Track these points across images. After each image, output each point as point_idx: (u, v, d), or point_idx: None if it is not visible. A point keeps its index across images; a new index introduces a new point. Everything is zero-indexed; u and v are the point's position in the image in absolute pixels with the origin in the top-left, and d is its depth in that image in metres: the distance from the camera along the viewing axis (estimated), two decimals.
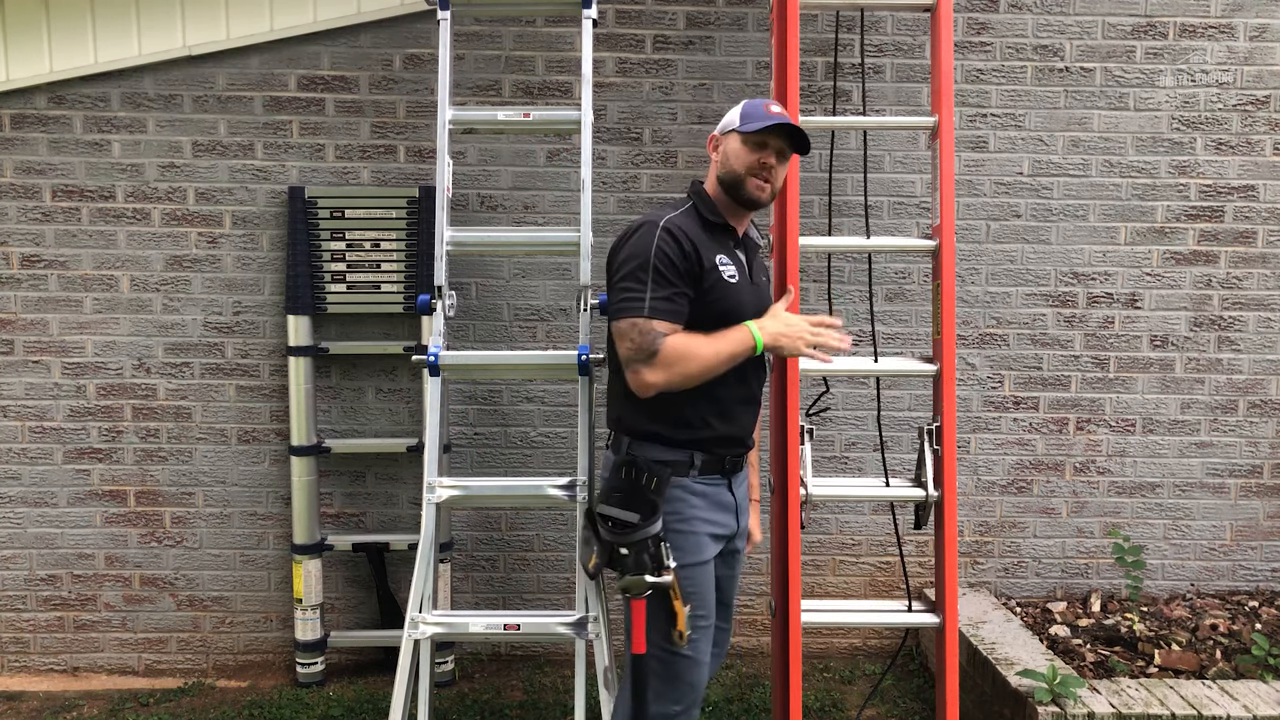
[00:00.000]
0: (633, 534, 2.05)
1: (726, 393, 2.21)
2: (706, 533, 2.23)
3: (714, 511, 2.24)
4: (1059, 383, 3.77)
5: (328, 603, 3.69)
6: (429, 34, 3.58)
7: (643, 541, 2.05)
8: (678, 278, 2.11)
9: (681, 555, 2.16)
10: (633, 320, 2.09)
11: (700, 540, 2.21)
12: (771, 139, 2.21)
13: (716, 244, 2.22)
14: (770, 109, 2.21)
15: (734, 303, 2.19)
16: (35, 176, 3.59)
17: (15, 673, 3.70)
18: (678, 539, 2.17)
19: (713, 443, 2.22)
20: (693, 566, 2.19)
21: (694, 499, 2.21)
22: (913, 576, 3.68)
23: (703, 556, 2.22)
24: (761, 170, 2.20)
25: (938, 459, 2.80)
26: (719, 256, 2.20)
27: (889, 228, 3.71)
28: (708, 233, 2.22)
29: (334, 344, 3.61)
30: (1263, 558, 3.83)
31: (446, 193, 2.97)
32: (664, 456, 2.19)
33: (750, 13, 3.65)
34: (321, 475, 3.67)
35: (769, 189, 2.24)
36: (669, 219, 2.17)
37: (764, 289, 2.39)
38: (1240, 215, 3.74)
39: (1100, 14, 3.67)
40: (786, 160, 2.27)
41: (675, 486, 2.18)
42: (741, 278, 2.23)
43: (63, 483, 3.67)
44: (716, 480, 2.26)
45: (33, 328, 3.63)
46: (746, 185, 2.21)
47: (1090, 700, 2.78)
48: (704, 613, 2.21)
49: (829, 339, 2.17)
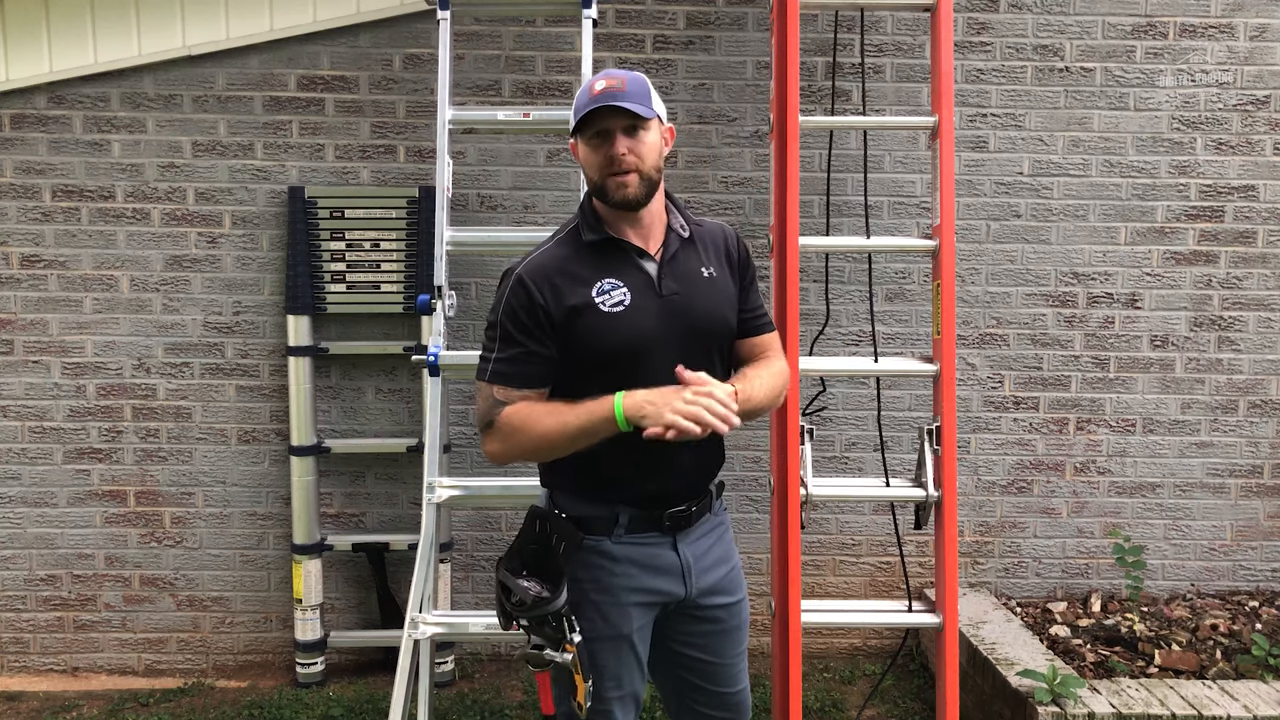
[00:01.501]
0: (534, 609, 1.80)
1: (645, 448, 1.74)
2: (632, 602, 1.91)
3: (646, 576, 1.91)
4: (1059, 383, 3.77)
5: (328, 603, 3.69)
6: (429, 34, 3.58)
7: (542, 616, 1.81)
8: (526, 335, 1.82)
9: (594, 626, 1.88)
10: (479, 384, 1.87)
11: (619, 611, 1.90)
12: (609, 122, 1.81)
13: (600, 268, 1.87)
14: (595, 88, 1.82)
15: (621, 334, 1.83)
16: (35, 176, 3.59)
17: (15, 673, 3.70)
18: (591, 609, 1.88)
19: (641, 500, 1.89)
20: (604, 640, 1.90)
21: (614, 564, 1.89)
22: (913, 576, 3.67)
23: (620, 630, 1.91)
24: (612, 165, 1.81)
25: (938, 459, 2.80)
26: (601, 283, 1.85)
27: (889, 228, 3.71)
28: (587, 258, 1.87)
29: (334, 344, 3.61)
30: (1263, 558, 3.83)
31: (446, 193, 2.97)
32: (584, 511, 1.89)
33: (750, 13, 3.65)
34: (321, 475, 3.67)
35: (634, 179, 1.81)
36: (529, 262, 1.87)
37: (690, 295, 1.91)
38: (1240, 215, 3.74)
39: (1100, 14, 3.67)
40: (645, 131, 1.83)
41: (592, 550, 1.89)
42: (638, 299, 1.85)
43: (63, 483, 3.66)
44: (652, 539, 1.91)
45: (33, 328, 3.62)
46: (608, 189, 1.83)
47: (1090, 700, 2.78)
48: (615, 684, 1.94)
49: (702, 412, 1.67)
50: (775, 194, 3.00)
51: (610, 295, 1.85)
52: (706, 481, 1.99)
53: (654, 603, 1.94)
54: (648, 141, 1.83)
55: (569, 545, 1.86)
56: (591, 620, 1.88)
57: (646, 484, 1.89)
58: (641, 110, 1.80)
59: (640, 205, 1.86)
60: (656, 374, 1.80)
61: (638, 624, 1.93)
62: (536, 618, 1.82)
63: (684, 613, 1.98)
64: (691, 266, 1.93)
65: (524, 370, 1.83)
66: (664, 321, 1.87)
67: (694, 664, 2.04)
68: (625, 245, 1.89)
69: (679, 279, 1.91)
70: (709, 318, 1.93)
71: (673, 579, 1.93)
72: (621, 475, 1.87)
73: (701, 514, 1.98)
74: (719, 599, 2.00)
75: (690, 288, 1.91)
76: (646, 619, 1.95)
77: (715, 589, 1.99)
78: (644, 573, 1.91)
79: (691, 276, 1.92)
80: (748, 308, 2.02)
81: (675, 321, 1.88)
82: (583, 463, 1.84)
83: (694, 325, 1.89)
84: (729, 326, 1.96)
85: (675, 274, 1.91)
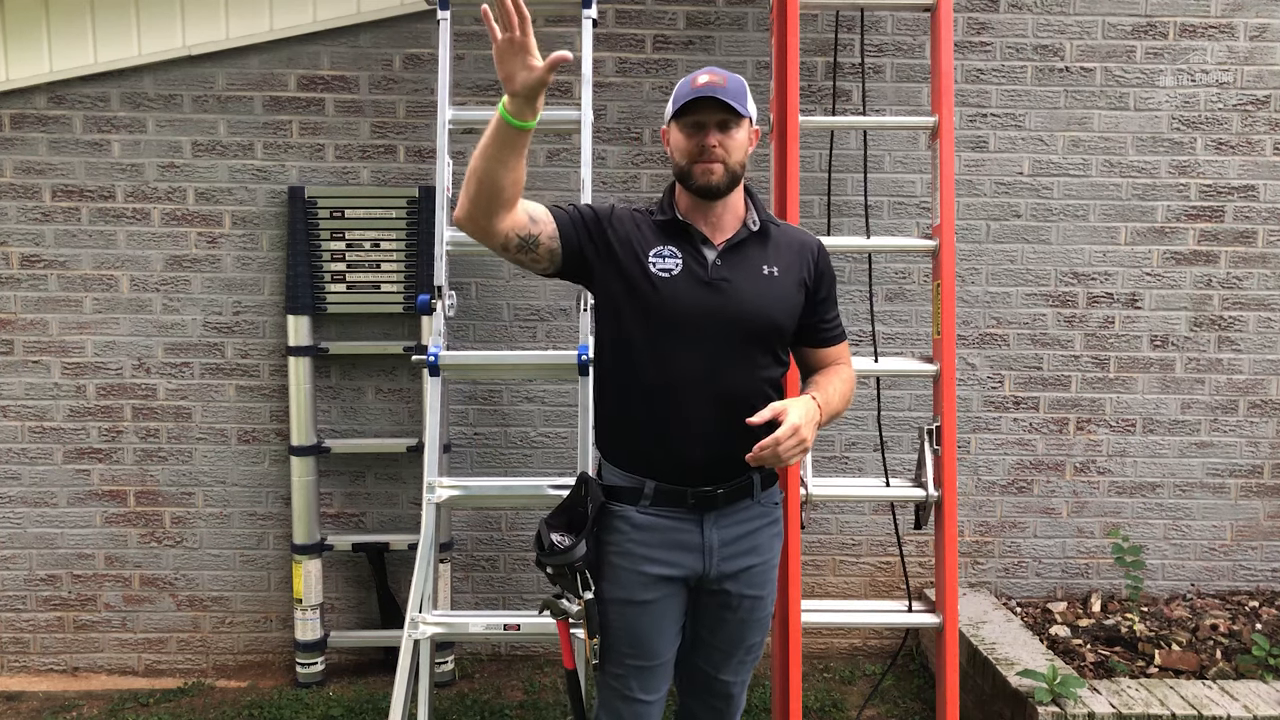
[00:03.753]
0: (552, 557, 1.94)
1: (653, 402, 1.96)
2: (648, 571, 1.99)
3: (663, 550, 1.99)
4: (1059, 383, 3.77)
5: (328, 603, 3.69)
6: (429, 34, 3.58)
7: (560, 566, 1.94)
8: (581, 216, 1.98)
9: (610, 588, 2.00)
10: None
11: (636, 577, 1.99)
12: (706, 114, 1.92)
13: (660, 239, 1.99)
14: (697, 80, 1.93)
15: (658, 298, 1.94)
16: (35, 176, 3.59)
17: (15, 673, 3.70)
18: (609, 570, 2.00)
19: (665, 473, 1.98)
20: (621, 603, 2.00)
21: (635, 532, 1.99)
22: (913, 576, 3.67)
23: (635, 595, 1.99)
24: (702, 154, 1.92)
25: (938, 459, 2.80)
26: (660, 248, 1.97)
27: (889, 228, 3.71)
28: (655, 229, 2.01)
29: (334, 344, 3.61)
30: (1263, 558, 3.83)
31: (446, 193, 2.97)
32: (617, 482, 2.02)
33: (750, 13, 3.65)
34: (321, 475, 3.67)
35: (719, 169, 1.93)
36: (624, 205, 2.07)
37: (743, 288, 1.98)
38: (1240, 215, 3.74)
39: (1100, 14, 3.67)
40: (735, 130, 1.95)
41: (617, 516, 2.00)
42: (684, 277, 1.95)
43: (63, 483, 3.66)
44: (677, 515, 1.99)
45: (33, 328, 3.62)
46: (693, 174, 1.94)
47: (1090, 700, 2.78)
48: (633, 652, 2.02)
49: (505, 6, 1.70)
50: (775, 194, 3.00)
51: (664, 260, 1.96)
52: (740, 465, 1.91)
53: (672, 576, 1.99)
54: (737, 138, 1.94)
55: (594, 506, 1.98)
56: (610, 581, 2.00)
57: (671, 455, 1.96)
58: (738, 107, 1.91)
59: (721, 194, 1.96)
60: (681, 348, 1.94)
61: (655, 595, 1.99)
62: (555, 565, 1.94)
63: (703, 589, 2.04)
64: (752, 260, 2.01)
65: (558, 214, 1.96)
66: (704, 303, 1.95)
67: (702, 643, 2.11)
68: (692, 229, 1.99)
69: (734, 269, 1.98)
70: (755, 312, 1.97)
71: (692, 555, 2.00)
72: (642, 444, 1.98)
73: (735, 498, 2.01)
74: (734, 586, 2.03)
75: (743, 278, 1.98)
76: (667, 593, 2.00)
77: (735, 576, 2.03)
78: (663, 547, 1.99)
79: (749, 269, 2.00)
80: (824, 318, 2.11)
81: (716, 306, 1.95)
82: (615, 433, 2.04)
83: (736, 315, 1.96)
84: (775, 326, 2.01)
85: (732, 263, 1.99)
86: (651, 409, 1.96)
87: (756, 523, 2.05)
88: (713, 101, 1.90)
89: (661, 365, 1.95)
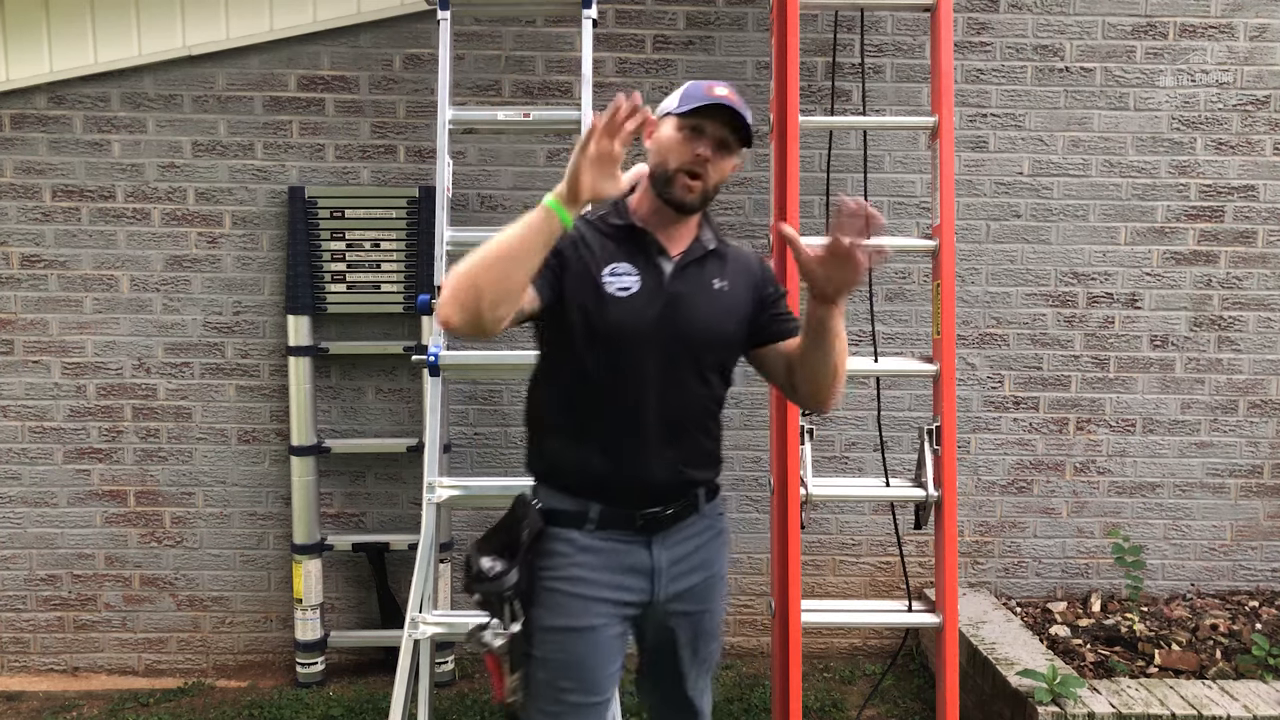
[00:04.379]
0: (482, 584, 1.80)
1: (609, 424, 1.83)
2: (593, 595, 1.84)
3: (611, 574, 1.85)
4: (1059, 383, 3.77)
5: (328, 603, 3.69)
6: (429, 34, 3.58)
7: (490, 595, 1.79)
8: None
9: (548, 616, 1.83)
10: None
11: (579, 603, 1.83)
12: (710, 124, 1.82)
13: (616, 252, 1.86)
14: (715, 90, 1.82)
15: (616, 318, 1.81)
16: (35, 176, 3.59)
17: (15, 673, 3.70)
18: (550, 597, 1.83)
19: (612, 494, 1.85)
20: (561, 631, 1.83)
21: (580, 554, 1.84)
22: (913, 576, 3.67)
23: (578, 621, 1.83)
24: (695, 164, 1.82)
25: (938, 459, 2.80)
26: (615, 265, 1.84)
27: (889, 228, 3.70)
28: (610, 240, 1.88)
29: (334, 344, 3.61)
30: (1263, 558, 3.83)
31: (446, 193, 2.97)
32: (559, 504, 1.86)
33: (750, 13, 3.65)
34: (321, 475, 3.67)
35: (699, 189, 1.83)
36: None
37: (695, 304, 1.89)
38: (1240, 215, 3.74)
39: (1100, 14, 3.67)
40: (727, 156, 1.86)
41: (559, 539, 1.85)
42: (644, 290, 1.84)
43: (63, 483, 3.66)
44: (624, 538, 1.86)
45: (33, 328, 3.62)
46: (675, 184, 1.84)
47: (1090, 700, 2.78)
48: (573, 686, 1.84)
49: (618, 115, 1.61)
50: (775, 194, 3.00)
51: (620, 279, 1.84)
52: (692, 482, 1.91)
53: (618, 601, 1.87)
54: (725, 165, 1.87)
55: (531, 532, 1.83)
56: (549, 609, 1.84)
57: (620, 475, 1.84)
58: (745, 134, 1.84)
59: (690, 213, 1.89)
60: (639, 365, 1.83)
61: (600, 620, 1.85)
62: (483, 593, 1.81)
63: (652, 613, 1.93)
64: (706, 275, 1.92)
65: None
66: (661, 318, 1.84)
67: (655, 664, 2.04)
68: (649, 238, 1.89)
69: (688, 282, 1.89)
70: (706, 326, 1.89)
71: (640, 579, 1.87)
72: (594, 466, 1.83)
73: (683, 516, 1.91)
74: (683, 605, 1.94)
75: (697, 292, 1.90)
76: (611, 619, 1.87)
77: (684, 595, 1.93)
78: (611, 570, 1.85)
79: (702, 283, 1.91)
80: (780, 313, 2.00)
81: (671, 320, 1.85)
82: (559, 455, 1.87)
83: (688, 329, 1.87)
84: (728, 340, 1.94)
85: (686, 278, 1.89)
86: (605, 431, 1.84)
87: (704, 536, 1.97)
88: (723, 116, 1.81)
89: (617, 386, 1.84)
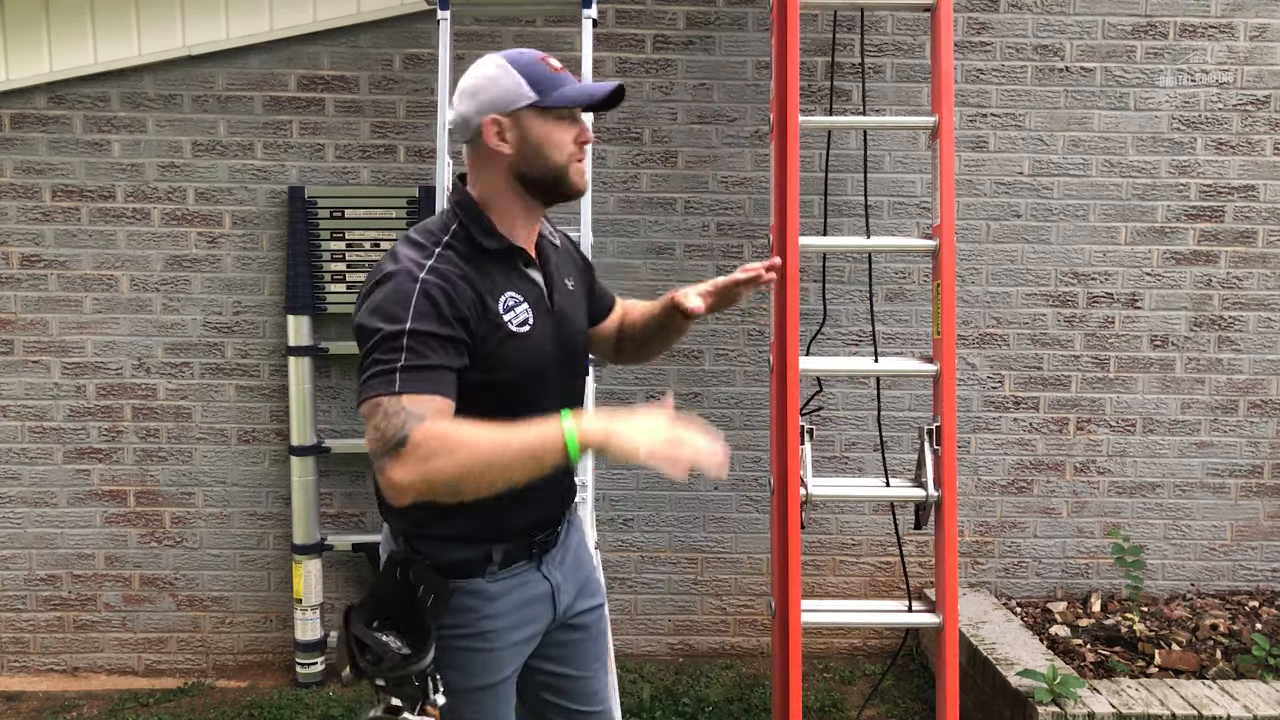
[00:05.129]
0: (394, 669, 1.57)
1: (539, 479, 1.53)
2: (504, 645, 1.70)
3: (520, 611, 1.71)
4: (1059, 383, 3.77)
5: (328, 603, 3.69)
6: (429, 34, 3.58)
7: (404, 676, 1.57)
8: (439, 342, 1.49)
9: (470, 677, 1.67)
10: (376, 401, 1.44)
11: (492, 658, 1.69)
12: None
13: (500, 279, 1.62)
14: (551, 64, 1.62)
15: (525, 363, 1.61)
16: (35, 176, 3.59)
17: (15, 673, 3.70)
18: (465, 658, 1.66)
19: (511, 531, 1.68)
20: (484, 689, 1.70)
21: (489, 605, 1.67)
22: (913, 576, 3.67)
23: (498, 676, 1.71)
24: (581, 150, 1.65)
25: (938, 459, 2.79)
26: (506, 297, 1.60)
27: (889, 228, 3.71)
28: (485, 265, 1.60)
29: (334, 344, 3.61)
30: (1263, 558, 3.83)
31: (446, 192, 2.97)
32: (453, 556, 1.65)
33: (750, 12, 3.65)
34: (321, 475, 3.67)
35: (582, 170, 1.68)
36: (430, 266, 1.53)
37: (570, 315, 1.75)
38: (1240, 215, 3.74)
39: (1100, 14, 3.67)
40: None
41: (465, 593, 1.65)
42: (537, 318, 1.64)
43: (63, 483, 3.66)
44: (521, 570, 1.71)
45: (33, 328, 3.62)
46: (569, 176, 1.63)
47: (1090, 700, 2.78)
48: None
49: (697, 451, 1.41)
50: (775, 194, 3.00)
51: (515, 313, 1.62)
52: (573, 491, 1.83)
53: (524, 640, 1.74)
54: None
55: (438, 598, 1.61)
56: (461, 670, 1.67)
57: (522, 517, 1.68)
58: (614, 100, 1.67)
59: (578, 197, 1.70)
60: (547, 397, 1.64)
61: (510, 671, 1.74)
62: (397, 678, 1.58)
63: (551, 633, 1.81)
64: (563, 279, 1.77)
65: (440, 378, 1.48)
66: (556, 340, 1.69)
67: (552, 679, 1.86)
68: (517, 253, 1.66)
69: (559, 293, 1.73)
70: (579, 331, 1.79)
71: (543, 605, 1.76)
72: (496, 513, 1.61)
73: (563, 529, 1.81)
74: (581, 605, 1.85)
75: (566, 302, 1.76)
76: (517, 664, 1.76)
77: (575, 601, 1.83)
78: (519, 608, 1.72)
79: (565, 290, 1.76)
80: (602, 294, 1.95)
81: (563, 339, 1.71)
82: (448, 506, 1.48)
83: (573, 343, 1.75)
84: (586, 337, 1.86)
85: (556, 289, 1.73)
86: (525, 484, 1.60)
87: (574, 537, 1.87)
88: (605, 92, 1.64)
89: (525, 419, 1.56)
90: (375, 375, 1.46)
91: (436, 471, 1.40)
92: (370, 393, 1.45)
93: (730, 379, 3.74)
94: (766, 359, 3.46)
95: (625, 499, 3.74)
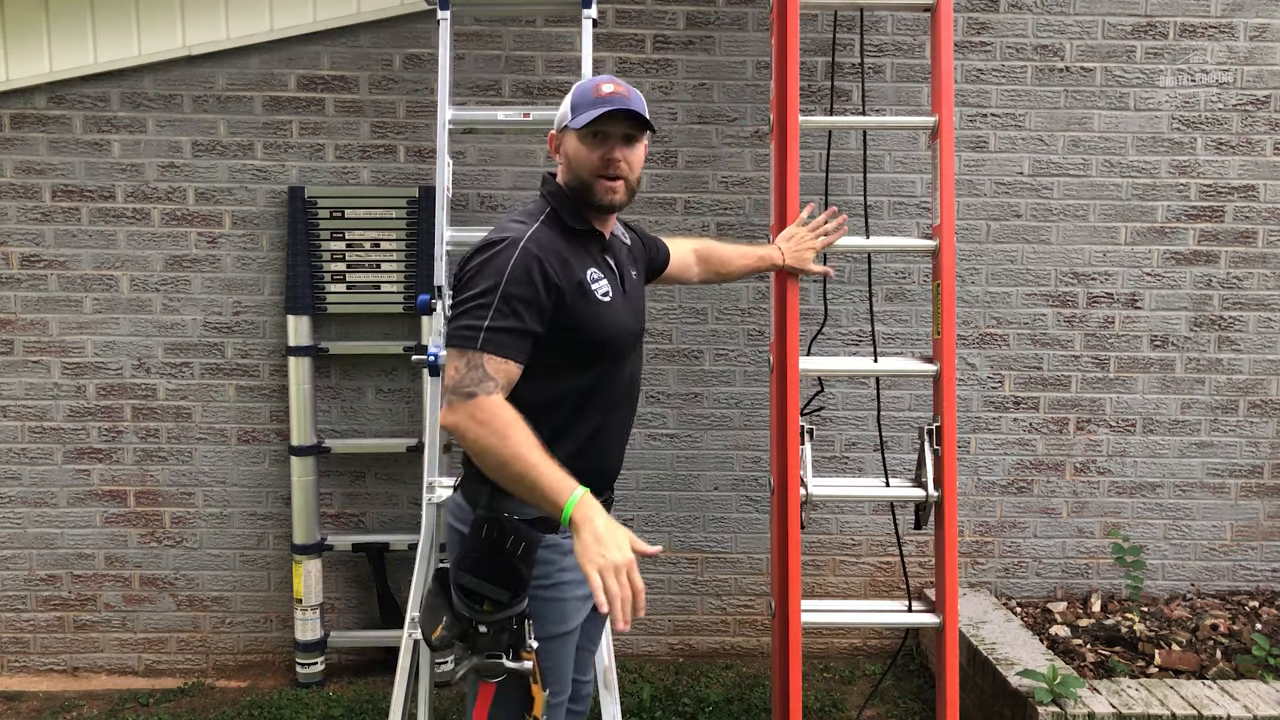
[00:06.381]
0: (495, 613, 1.75)
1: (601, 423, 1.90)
2: (577, 595, 1.89)
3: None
4: (1059, 383, 3.77)
5: (328, 603, 3.69)
6: (429, 34, 3.58)
7: (505, 620, 1.75)
8: (527, 307, 1.75)
9: (546, 625, 1.86)
10: (460, 351, 1.72)
11: (569, 606, 1.89)
12: (611, 126, 1.84)
13: (585, 257, 1.88)
14: (601, 90, 1.84)
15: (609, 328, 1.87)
16: (35, 176, 3.59)
17: (15, 673, 3.70)
18: (543, 607, 1.85)
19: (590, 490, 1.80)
20: (557, 638, 1.89)
21: (565, 559, 1.85)
22: (913, 576, 3.67)
23: (569, 625, 1.91)
24: (608, 168, 1.85)
25: (938, 459, 2.80)
26: (590, 271, 1.87)
27: (889, 228, 3.71)
28: (573, 243, 1.88)
29: (334, 344, 3.61)
30: (1263, 558, 3.83)
31: (446, 193, 2.97)
32: (531, 513, 1.79)
33: (750, 13, 3.65)
34: (321, 475, 3.67)
35: (622, 187, 1.87)
36: (530, 237, 1.80)
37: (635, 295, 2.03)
38: (1240, 215, 3.74)
39: (1100, 14, 3.67)
40: (637, 143, 1.89)
41: (546, 546, 1.84)
42: (615, 293, 1.91)
43: (63, 483, 3.66)
44: None
45: (33, 328, 3.62)
46: (595, 191, 1.86)
47: (1090, 700, 2.78)
48: (559, 688, 1.92)
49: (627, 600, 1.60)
50: (775, 194, 3.00)
51: (601, 283, 1.88)
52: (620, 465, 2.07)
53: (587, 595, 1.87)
54: (639, 154, 1.91)
55: (529, 546, 1.79)
56: (540, 619, 1.85)
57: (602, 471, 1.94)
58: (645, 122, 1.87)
59: (619, 210, 1.95)
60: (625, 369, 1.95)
61: (579, 619, 1.94)
62: (499, 622, 1.75)
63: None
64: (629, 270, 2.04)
65: (519, 344, 1.74)
66: (629, 317, 1.96)
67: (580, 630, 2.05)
68: (601, 239, 1.96)
69: (627, 280, 2.01)
70: (641, 313, 2.07)
71: None
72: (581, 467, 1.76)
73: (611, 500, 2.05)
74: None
75: (634, 288, 2.04)
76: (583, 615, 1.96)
77: None
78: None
79: (632, 279, 2.04)
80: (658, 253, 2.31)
81: (634, 318, 1.99)
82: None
83: (637, 322, 2.02)
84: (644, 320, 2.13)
85: (625, 277, 2.01)
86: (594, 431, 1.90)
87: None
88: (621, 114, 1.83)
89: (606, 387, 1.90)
90: (465, 326, 1.73)
91: (476, 436, 1.67)
92: (459, 339, 1.73)
93: (730, 379, 3.74)
94: (766, 359, 3.46)
95: (625, 499, 3.74)
